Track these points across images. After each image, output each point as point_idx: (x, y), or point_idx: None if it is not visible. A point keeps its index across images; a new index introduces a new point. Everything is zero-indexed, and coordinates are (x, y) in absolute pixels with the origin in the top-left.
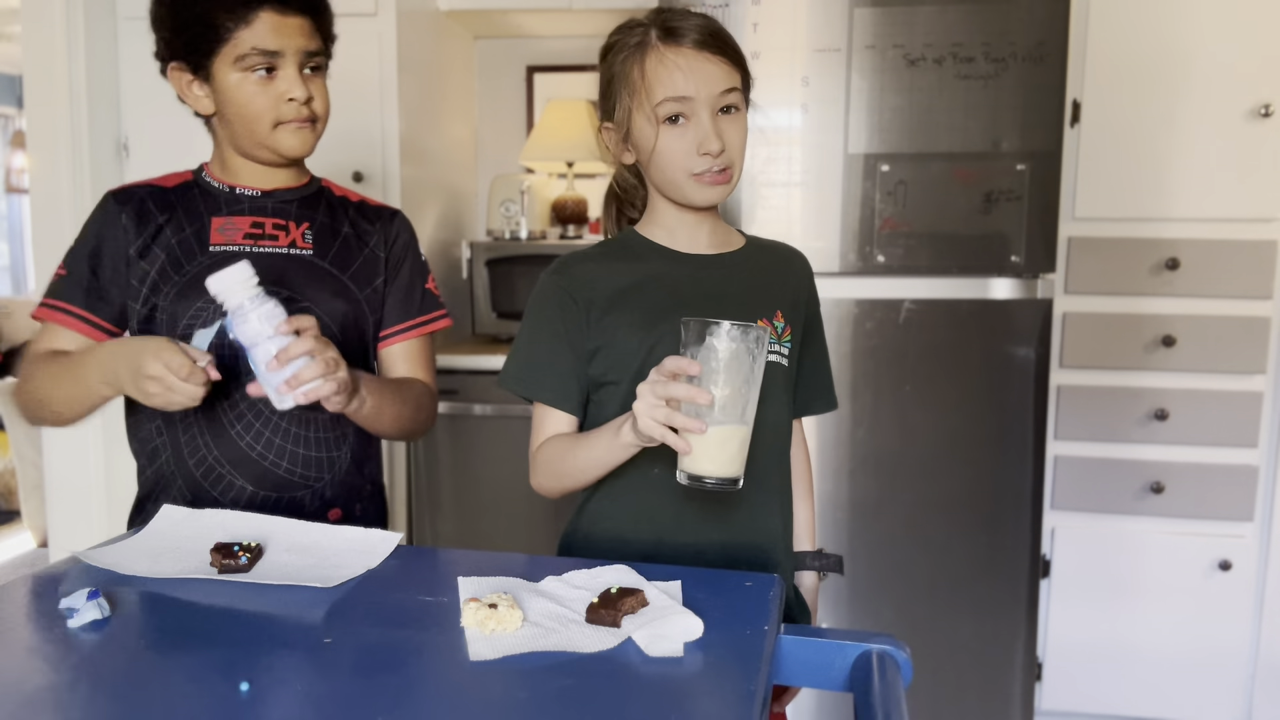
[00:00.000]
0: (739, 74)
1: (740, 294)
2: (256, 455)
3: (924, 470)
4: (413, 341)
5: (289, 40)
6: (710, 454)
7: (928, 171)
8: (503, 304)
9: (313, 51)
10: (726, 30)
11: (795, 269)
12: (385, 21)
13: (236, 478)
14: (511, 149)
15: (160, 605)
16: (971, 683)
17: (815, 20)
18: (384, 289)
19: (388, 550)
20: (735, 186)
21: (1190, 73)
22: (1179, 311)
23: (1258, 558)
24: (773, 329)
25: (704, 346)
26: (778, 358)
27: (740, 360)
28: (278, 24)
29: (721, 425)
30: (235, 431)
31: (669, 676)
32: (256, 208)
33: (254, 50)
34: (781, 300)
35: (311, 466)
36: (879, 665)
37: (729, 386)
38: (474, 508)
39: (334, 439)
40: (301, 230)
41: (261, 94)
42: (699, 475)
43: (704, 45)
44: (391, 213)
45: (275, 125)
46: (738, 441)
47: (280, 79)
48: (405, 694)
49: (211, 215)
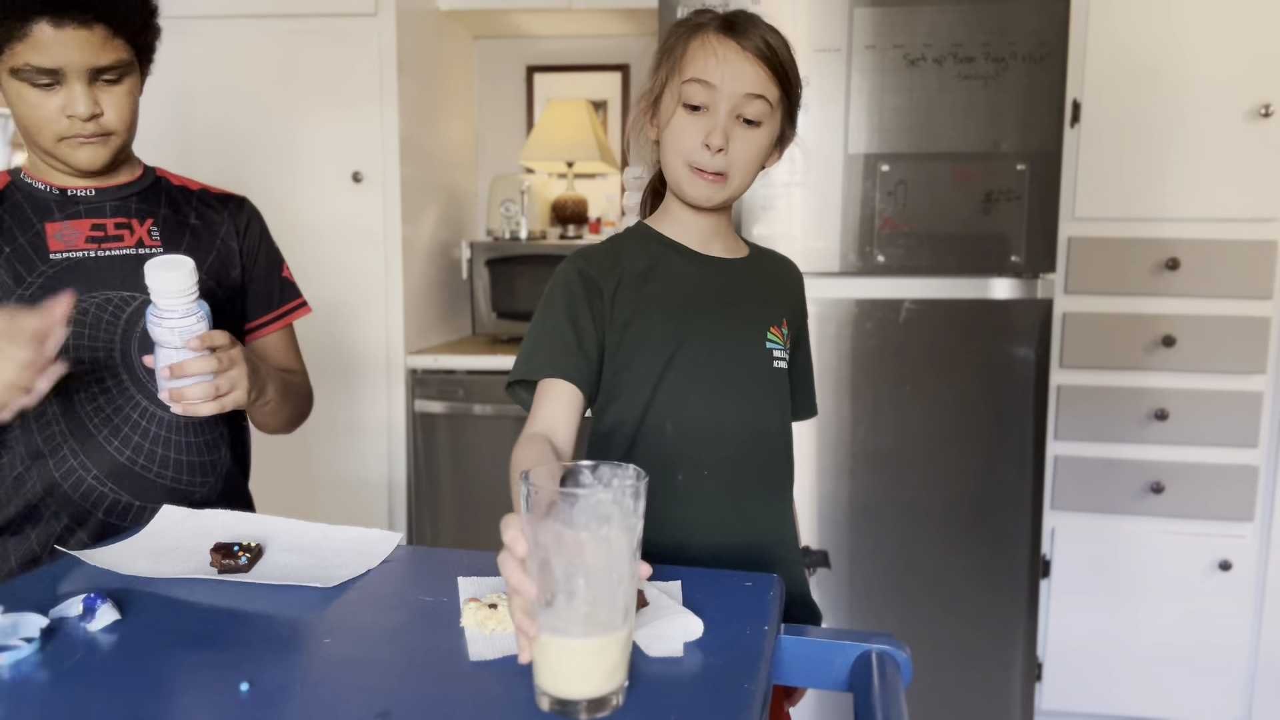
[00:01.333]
0: (777, 89)
1: (751, 301)
2: (139, 468)
3: (924, 470)
4: (280, 332)
5: (70, 55)
6: (583, 669)
7: (928, 171)
8: (503, 304)
9: (105, 66)
10: (788, 48)
11: (793, 277)
12: (385, 21)
13: (118, 493)
14: (511, 149)
15: (160, 605)
16: (971, 683)
17: (815, 20)
18: (242, 279)
19: (388, 550)
20: (730, 196)
21: (1190, 73)
22: (1179, 311)
23: (1258, 558)
24: (781, 336)
25: (559, 524)
26: (782, 364)
27: (617, 541)
28: (56, 38)
29: (596, 637)
30: (114, 446)
31: (669, 676)
32: (93, 209)
33: (28, 66)
34: (784, 308)
35: (196, 472)
36: (879, 665)
37: (603, 583)
38: (474, 508)
39: (212, 441)
40: (146, 227)
41: (41, 106)
42: (568, 699)
43: (751, 46)
44: (239, 200)
45: (59, 139)
46: (619, 648)
47: (61, 93)
48: (405, 694)
49: (44, 221)
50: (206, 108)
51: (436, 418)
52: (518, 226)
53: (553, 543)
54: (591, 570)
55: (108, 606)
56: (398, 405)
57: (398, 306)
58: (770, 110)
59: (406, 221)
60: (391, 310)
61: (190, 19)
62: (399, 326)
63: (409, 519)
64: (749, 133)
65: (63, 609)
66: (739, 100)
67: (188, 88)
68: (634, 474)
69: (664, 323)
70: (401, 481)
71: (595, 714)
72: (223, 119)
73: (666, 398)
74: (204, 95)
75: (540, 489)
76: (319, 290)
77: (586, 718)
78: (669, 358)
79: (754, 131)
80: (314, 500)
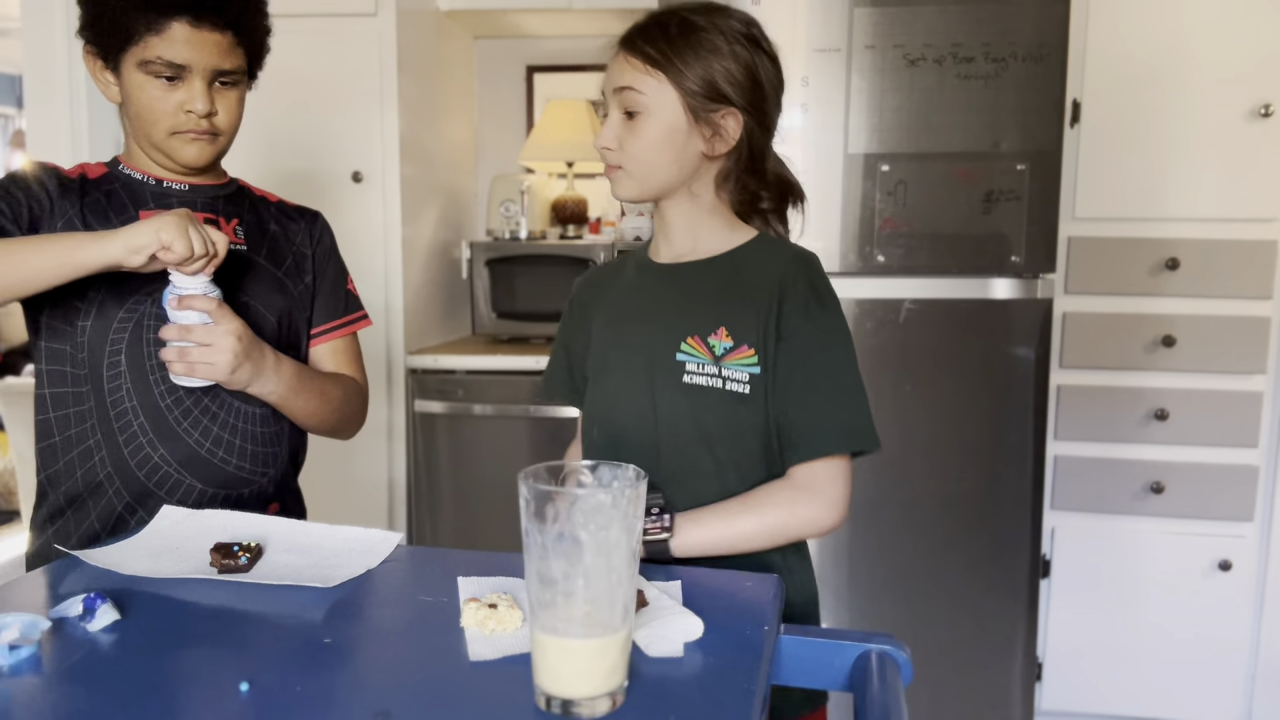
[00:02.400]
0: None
1: (673, 309)
2: (206, 453)
3: (924, 470)
4: (340, 340)
5: (200, 55)
6: (582, 669)
7: (928, 171)
8: (503, 304)
9: (226, 70)
10: (666, 23)
11: (775, 277)
12: (385, 21)
13: (185, 477)
14: (511, 149)
15: (160, 605)
16: (971, 683)
17: (815, 20)
18: (313, 286)
19: (388, 550)
20: (637, 190)
21: (1190, 73)
22: (1179, 311)
23: (1258, 558)
24: (704, 348)
25: (558, 525)
26: (701, 379)
27: (616, 542)
28: (190, 37)
29: (595, 638)
30: (183, 429)
31: (668, 677)
32: (186, 202)
33: (159, 59)
34: (733, 315)
35: (260, 462)
36: (879, 665)
37: (602, 583)
38: (474, 508)
39: (276, 433)
40: (232, 226)
41: (161, 100)
42: (567, 699)
43: (628, 46)
44: (314, 214)
45: (171, 133)
46: (618, 648)
47: (183, 89)
48: (405, 694)
49: (140, 208)
50: None
51: (436, 418)
52: (518, 226)
53: (551, 543)
54: (590, 571)
55: (108, 606)
56: (398, 405)
57: (398, 306)
58: (644, 99)
59: (406, 221)
60: (391, 310)
61: None
62: (399, 326)
63: (409, 519)
64: (630, 125)
65: (63, 609)
66: (615, 98)
67: None
68: (633, 474)
69: (600, 333)
70: (401, 481)
71: (595, 714)
72: None
73: (593, 406)
74: None
75: (539, 489)
76: None
77: (586, 718)
78: (598, 367)
79: (635, 122)
80: (314, 500)
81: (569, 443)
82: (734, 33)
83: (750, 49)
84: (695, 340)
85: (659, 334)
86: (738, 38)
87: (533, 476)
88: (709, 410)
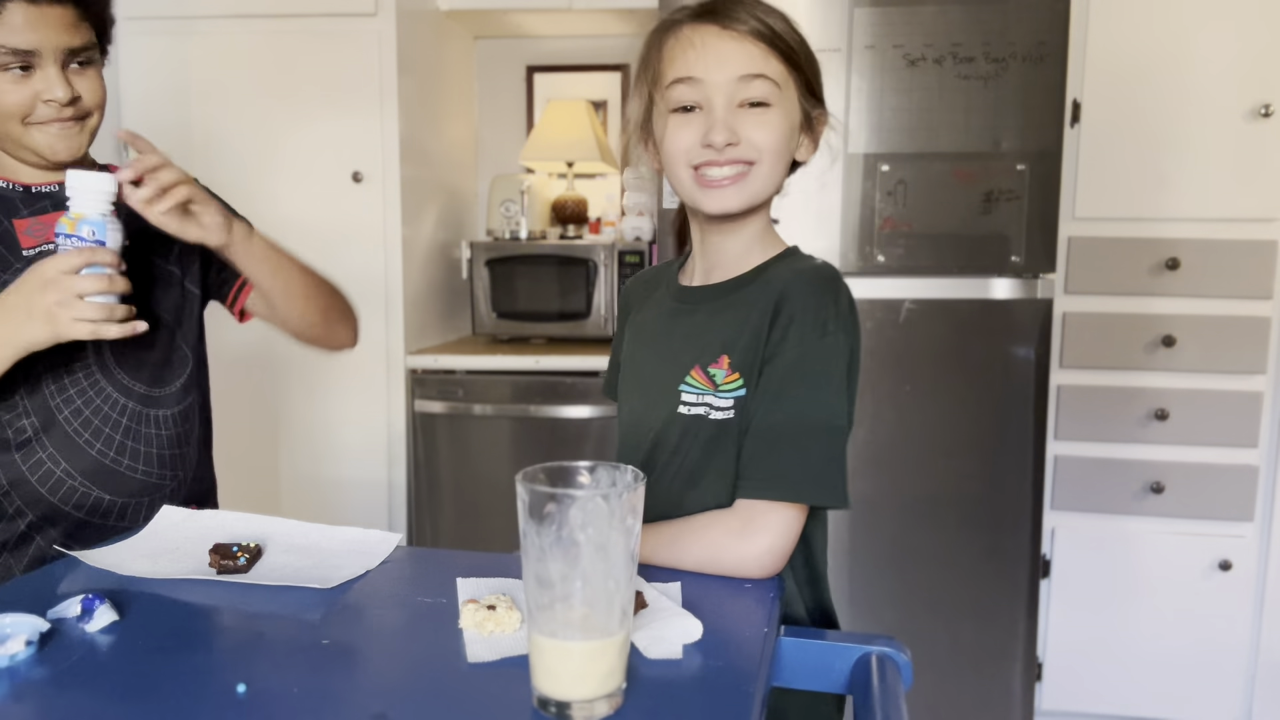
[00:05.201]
0: (782, 64)
1: (686, 337)
2: (111, 461)
3: (924, 470)
4: None
5: (46, 36)
6: (580, 671)
7: (928, 171)
8: (503, 304)
9: (77, 48)
10: (788, 20)
11: (764, 303)
12: (385, 21)
13: (92, 489)
14: (511, 149)
15: (158, 606)
16: (971, 683)
17: (815, 20)
18: (204, 252)
19: (387, 551)
20: (755, 197)
21: (1190, 73)
22: (1179, 311)
23: (1258, 558)
24: (704, 378)
25: (555, 527)
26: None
27: (614, 544)
28: (30, 17)
29: (593, 640)
30: (84, 440)
31: (668, 678)
32: (60, 203)
33: (3, 48)
34: (733, 343)
35: (167, 465)
36: (879, 668)
37: (600, 586)
38: (474, 508)
39: (182, 434)
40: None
41: (15, 93)
42: (565, 701)
43: (735, 25)
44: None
45: (34, 127)
46: (617, 651)
47: (37, 77)
48: (403, 696)
49: (12, 218)
50: (206, 108)
51: (436, 418)
52: (518, 226)
53: (549, 545)
54: (588, 573)
55: (106, 607)
56: (398, 405)
57: (398, 306)
58: (777, 89)
59: (406, 221)
60: (391, 310)
61: (190, 19)
62: (399, 326)
63: (409, 519)
64: (759, 116)
65: (61, 610)
66: (734, 86)
67: (188, 88)
68: (631, 475)
69: (627, 350)
70: (401, 481)
71: (592, 716)
72: (223, 119)
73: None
74: (204, 95)
75: (536, 490)
76: None
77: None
78: (620, 389)
79: (765, 114)
80: (313, 500)
81: (570, 444)
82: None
83: None
84: (698, 371)
85: (667, 366)
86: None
87: (531, 478)
88: (696, 442)
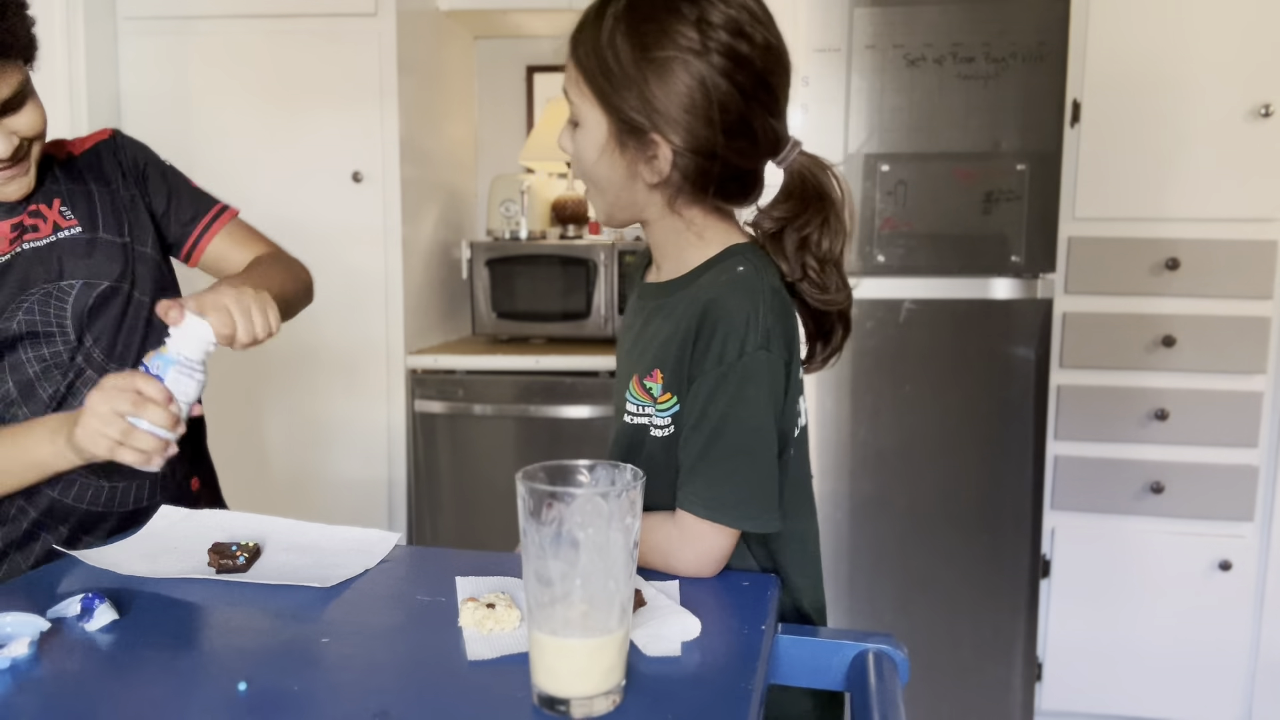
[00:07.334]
0: (585, 83)
1: (627, 345)
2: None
3: (924, 470)
4: (226, 228)
5: None
6: (579, 669)
7: (928, 171)
8: (503, 304)
9: (10, 96)
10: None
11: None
12: (385, 21)
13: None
14: (511, 149)
15: (158, 605)
16: (971, 683)
17: (815, 20)
18: (151, 206)
19: (386, 550)
20: (603, 214)
21: (1190, 73)
22: (1179, 311)
23: (1258, 558)
24: (642, 390)
25: (555, 524)
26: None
27: (613, 542)
28: None
29: (592, 638)
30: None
31: (666, 676)
32: (6, 210)
33: None
34: (664, 357)
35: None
36: (876, 665)
37: (599, 584)
38: (474, 508)
39: None
40: (56, 209)
41: None
42: (564, 699)
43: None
44: (109, 136)
45: None
46: (616, 648)
47: None
48: (402, 694)
49: None
50: (206, 108)
51: (436, 418)
52: (518, 226)
53: (549, 543)
54: (588, 571)
55: (106, 606)
56: (398, 405)
57: (398, 306)
58: (580, 108)
59: (406, 221)
60: (391, 310)
61: (190, 19)
62: (399, 326)
63: (409, 519)
64: (573, 133)
65: (61, 609)
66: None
67: (188, 88)
68: (630, 474)
69: None
70: (401, 481)
71: (592, 713)
72: (223, 119)
73: None
74: (204, 95)
75: (536, 489)
76: (319, 290)
77: (583, 717)
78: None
79: (576, 133)
80: (314, 500)
81: (570, 444)
82: (698, 39)
83: (718, 56)
84: (636, 382)
85: (623, 371)
86: (701, 44)
87: (530, 477)
88: (643, 450)
